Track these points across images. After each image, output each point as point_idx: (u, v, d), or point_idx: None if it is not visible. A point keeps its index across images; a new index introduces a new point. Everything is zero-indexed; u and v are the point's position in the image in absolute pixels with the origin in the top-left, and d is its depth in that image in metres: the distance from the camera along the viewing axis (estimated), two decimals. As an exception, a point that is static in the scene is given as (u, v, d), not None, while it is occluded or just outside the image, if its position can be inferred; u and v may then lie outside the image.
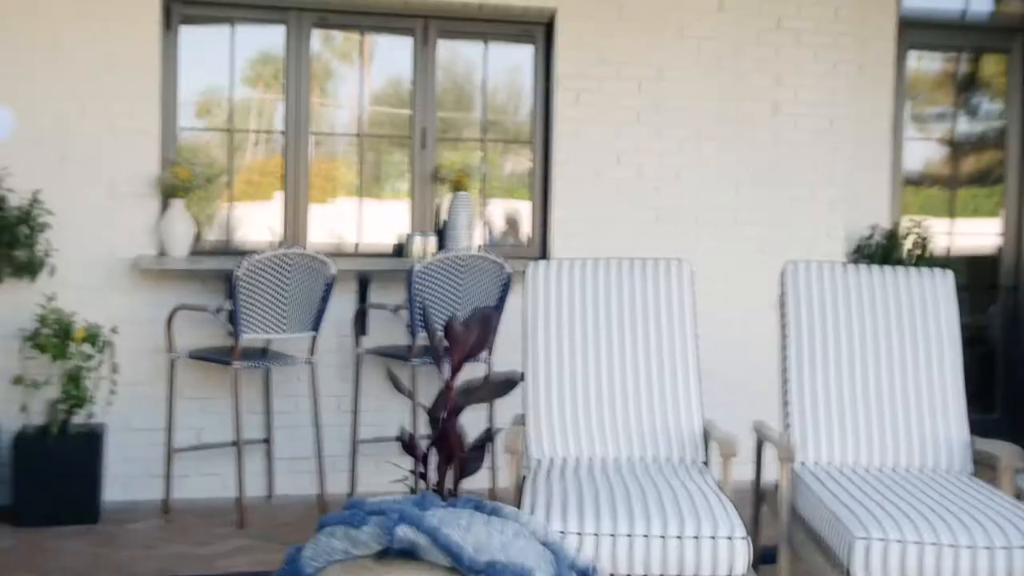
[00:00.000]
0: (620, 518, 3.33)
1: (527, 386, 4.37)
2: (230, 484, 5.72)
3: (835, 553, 3.47)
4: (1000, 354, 7.26)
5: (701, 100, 6.31)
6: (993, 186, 7.31)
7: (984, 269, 7.29)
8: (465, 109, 6.38)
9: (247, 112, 6.09)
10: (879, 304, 4.45)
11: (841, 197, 6.51)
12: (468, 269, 5.38)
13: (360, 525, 2.87)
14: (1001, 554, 3.23)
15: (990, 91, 7.30)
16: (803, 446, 4.26)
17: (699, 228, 6.33)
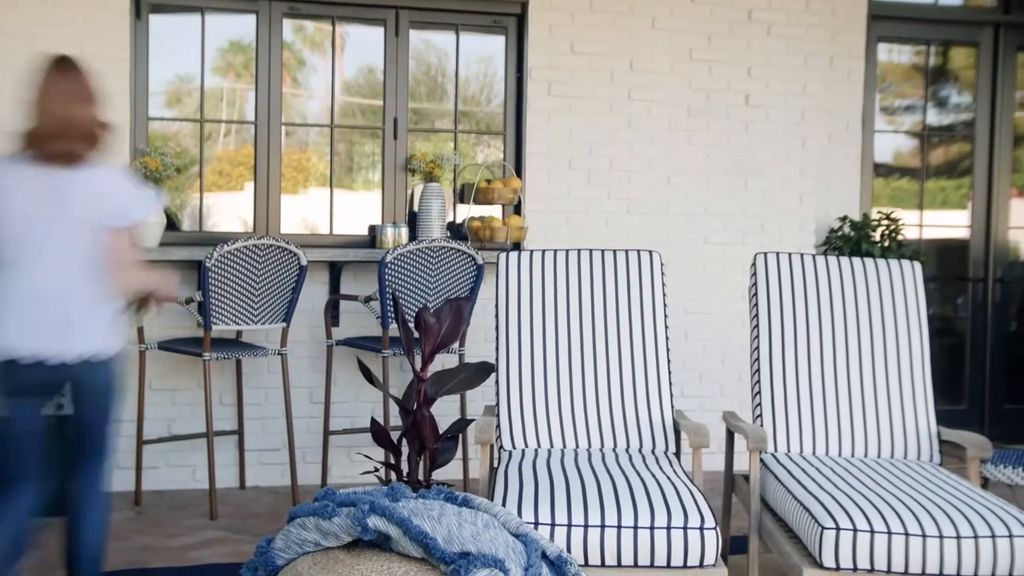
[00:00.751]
0: (591, 509, 3.34)
1: (499, 377, 4.37)
2: (201, 475, 5.71)
3: (804, 543, 3.49)
4: (968, 345, 7.32)
5: (672, 91, 6.32)
6: (961, 178, 7.36)
7: (952, 260, 7.34)
8: (437, 99, 6.37)
9: (218, 102, 6.05)
10: (848, 295, 4.48)
11: (811, 188, 6.55)
12: (439, 259, 5.38)
13: (331, 516, 2.87)
14: (968, 543, 3.26)
15: (959, 83, 7.35)
16: (773, 436, 4.28)
17: (670, 219, 6.34)
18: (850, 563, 3.30)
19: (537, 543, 2.90)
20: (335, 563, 2.79)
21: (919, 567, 3.28)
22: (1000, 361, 7.31)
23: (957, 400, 7.27)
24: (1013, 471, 4.21)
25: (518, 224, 5.97)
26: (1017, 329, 7.47)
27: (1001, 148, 7.26)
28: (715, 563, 3.33)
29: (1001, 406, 7.29)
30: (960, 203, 7.36)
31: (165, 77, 5.86)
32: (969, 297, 7.32)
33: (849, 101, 6.80)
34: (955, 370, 7.30)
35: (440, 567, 2.73)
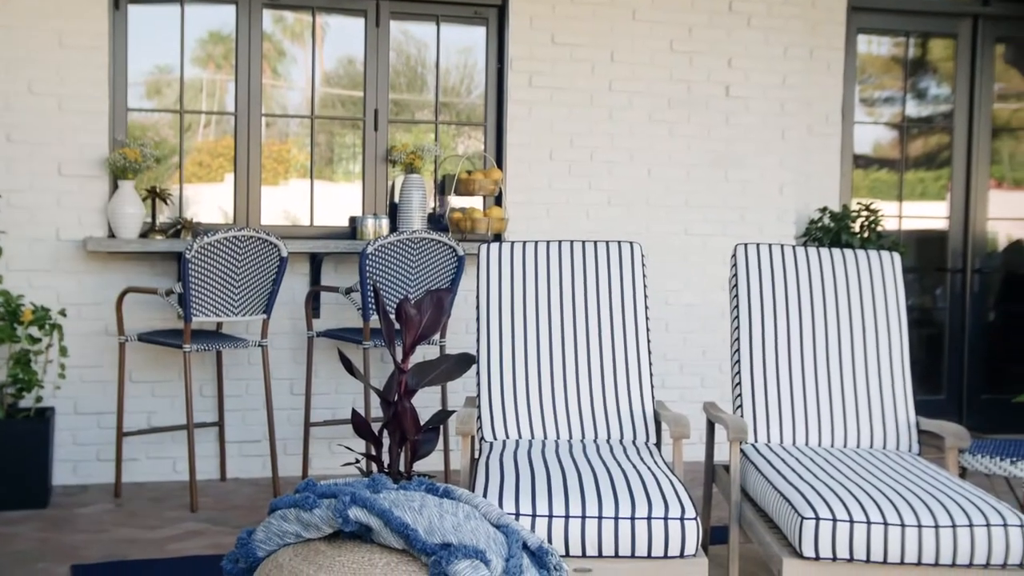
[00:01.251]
0: (572, 499, 3.35)
1: (480, 368, 4.38)
2: (181, 467, 5.70)
3: (784, 533, 3.51)
4: (946, 336, 7.36)
5: (653, 83, 6.33)
6: (940, 169, 7.40)
7: (931, 251, 7.38)
8: (418, 91, 6.36)
9: (198, 92, 6.03)
10: (828, 286, 4.50)
11: (791, 180, 6.57)
12: (420, 251, 5.37)
13: (312, 508, 2.87)
14: (946, 533, 3.28)
15: (938, 75, 7.38)
16: (753, 427, 4.30)
17: (651, 210, 6.36)
18: (830, 553, 3.32)
19: (518, 534, 2.90)
20: (316, 555, 2.79)
21: (898, 556, 3.30)
22: (978, 351, 7.36)
23: (936, 390, 7.31)
24: (991, 461, 4.24)
25: (499, 215, 5.97)
26: (995, 320, 7.52)
27: (979, 139, 7.29)
28: (695, 553, 3.35)
29: (979, 396, 7.33)
30: (939, 194, 7.40)
31: (144, 68, 5.83)
32: (948, 288, 7.36)
33: (829, 93, 6.82)
34: (934, 360, 7.34)
35: (421, 558, 2.73)
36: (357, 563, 2.74)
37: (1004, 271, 7.52)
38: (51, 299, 5.47)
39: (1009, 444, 4.40)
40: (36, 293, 5.46)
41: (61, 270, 5.52)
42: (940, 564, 3.30)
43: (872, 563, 3.33)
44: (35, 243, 5.48)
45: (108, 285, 5.54)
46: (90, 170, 5.53)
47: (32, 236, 5.48)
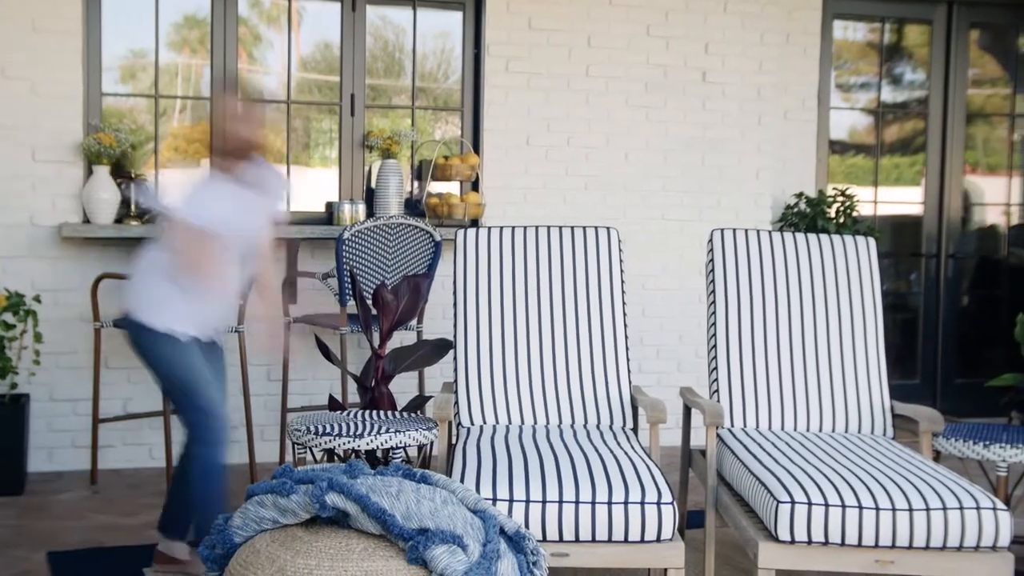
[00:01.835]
0: (549, 484, 3.36)
1: (457, 354, 4.38)
2: (158, 454, 5.68)
3: (760, 517, 3.53)
4: (921, 320, 7.40)
5: (630, 68, 6.33)
6: (915, 154, 7.43)
7: (906, 236, 7.41)
8: (394, 76, 6.35)
9: (173, 77, 6.00)
10: (804, 271, 4.52)
11: (768, 165, 6.59)
12: (397, 236, 5.37)
13: (289, 493, 2.87)
14: (920, 516, 3.31)
15: (913, 61, 7.41)
16: (729, 411, 4.32)
17: (628, 195, 6.36)
18: (805, 536, 3.34)
19: (495, 519, 2.91)
20: (293, 540, 2.79)
21: (872, 539, 3.33)
22: (952, 336, 7.41)
23: (910, 375, 7.35)
24: (964, 444, 4.27)
25: (476, 201, 5.97)
26: (969, 304, 7.57)
27: (954, 125, 7.33)
28: (672, 537, 3.36)
29: (953, 380, 7.39)
30: (914, 180, 7.43)
31: (119, 52, 5.79)
32: (922, 273, 7.40)
33: (805, 78, 6.84)
34: (908, 345, 7.39)
35: (398, 543, 2.74)
36: (334, 548, 2.74)
37: (977, 255, 7.57)
38: (25, 285, 5.44)
39: (982, 428, 4.44)
40: (10, 279, 5.42)
41: (36, 256, 5.48)
42: (914, 547, 3.33)
43: (847, 546, 3.35)
44: (9, 229, 5.45)
45: (83, 271, 5.51)
46: (64, 155, 5.50)
47: (6, 222, 5.44)
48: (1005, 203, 7.58)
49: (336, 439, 3.77)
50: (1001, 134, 7.59)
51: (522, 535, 2.96)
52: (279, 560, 2.73)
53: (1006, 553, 3.33)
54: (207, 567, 2.99)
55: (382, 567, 2.69)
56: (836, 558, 3.38)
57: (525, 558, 2.93)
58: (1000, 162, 7.58)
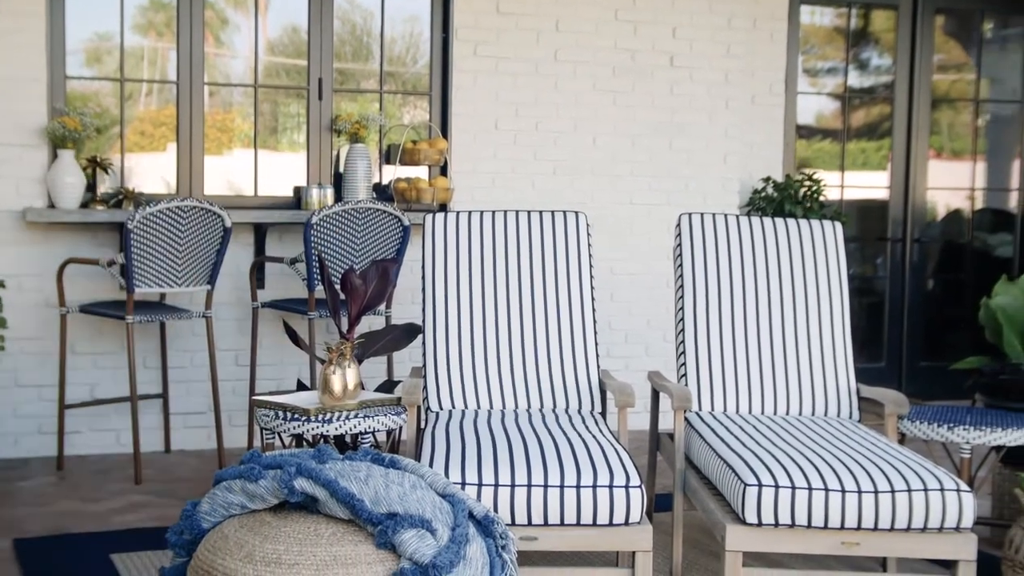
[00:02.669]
0: (517, 468, 3.37)
1: (425, 338, 4.38)
2: (125, 440, 5.65)
3: (727, 500, 3.55)
4: (887, 304, 7.46)
5: (598, 52, 6.33)
6: (881, 139, 7.48)
7: (872, 221, 7.46)
8: (362, 60, 6.32)
9: (139, 61, 5.95)
10: (771, 255, 4.54)
11: (735, 150, 6.61)
12: (365, 221, 5.35)
13: (257, 479, 2.87)
14: (885, 497, 3.34)
15: (879, 46, 7.44)
16: (696, 395, 4.34)
17: (596, 180, 6.37)
18: (772, 519, 3.37)
19: (464, 503, 2.92)
20: (262, 525, 2.79)
21: (838, 522, 3.36)
22: (917, 320, 7.47)
23: (876, 358, 7.41)
24: (929, 427, 4.31)
25: (444, 185, 5.96)
26: (934, 288, 7.63)
27: (919, 110, 7.38)
28: (640, 520, 3.38)
29: (918, 363, 7.45)
30: (880, 164, 7.48)
31: (83, 35, 5.74)
32: (888, 257, 7.46)
33: (772, 63, 6.86)
34: (874, 328, 7.44)
35: (367, 528, 2.74)
36: (303, 533, 2.74)
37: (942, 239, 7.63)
38: (-10, 270, 5.40)
39: (947, 410, 4.48)
40: (-26, 264, 5.38)
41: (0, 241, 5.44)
42: (879, 528, 3.36)
43: (814, 528, 3.38)
44: (-27, 213, 5.40)
45: (48, 256, 5.47)
46: (28, 139, 5.44)
47: (-30, 206, 5.39)
48: (969, 188, 7.64)
49: (305, 424, 3.76)
50: (966, 119, 7.65)
51: (491, 519, 2.97)
52: (247, 545, 2.73)
53: (969, 534, 3.37)
54: (175, 553, 2.99)
55: (351, 552, 2.69)
56: (803, 540, 3.41)
57: (494, 542, 2.94)
58: (965, 147, 7.65)
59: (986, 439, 4.22)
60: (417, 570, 2.64)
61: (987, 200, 7.74)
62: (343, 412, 3.82)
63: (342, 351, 3.91)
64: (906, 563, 4.07)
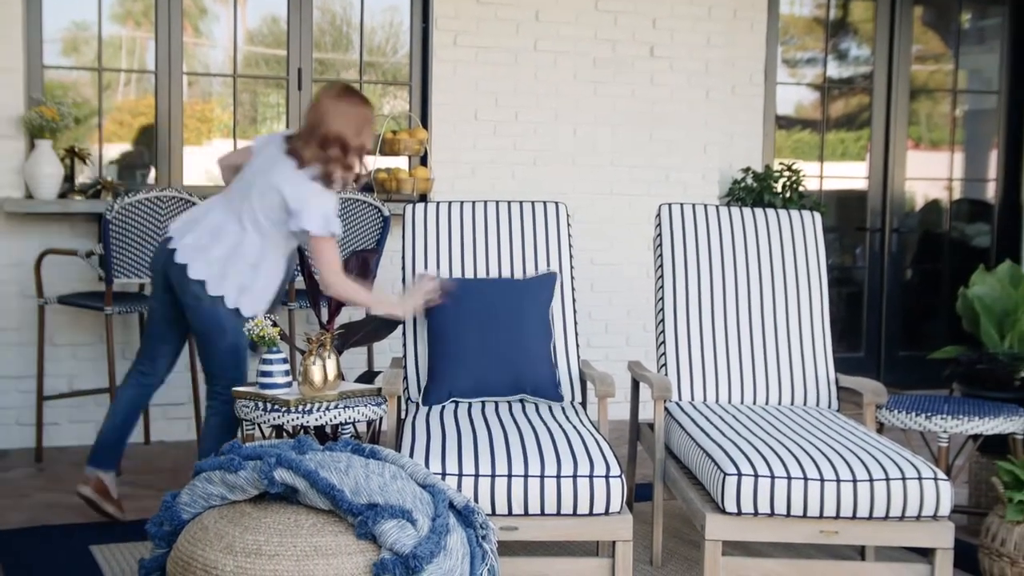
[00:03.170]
0: (498, 458, 3.38)
1: (405, 329, 4.38)
2: (104, 431, 5.62)
3: (707, 489, 3.57)
4: (865, 294, 7.49)
5: (578, 42, 6.33)
6: (860, 130, 7.50)
7: (851, 211, 7.49)
8: (342, 50, 6.31)
9: (117, 50, 5.92)
10: (751, 246, 4.56)
11: (715, 140, 6.62)
12: (346, 211, 5.34)
13: (237, 470, 2.86)
14: (863, 486, 3.36)
15: (858, 36, 7.46)
16: (676, 385, 4.35)
17: (576, 170, 6.37)
18: (751, 508, 3.39)
19: (444, 493, 2.93)
20: (242, 516, 2.79)
21: (817, 510, 3.38)
22: (896, 309, 7.50)
23: (855, 347, 7.44)
24: (907, 416, 4.34)
25: (424, 175, 5.95)
26: (912, 278, 7.67)
27: (898, 100, 7.40)
28: (620, 510, 3.39)
29: (896, 353, 7.49)
30: (859, 155, 7.50)
31: (60, 24, 5.71)
32: (867, 247, 7.49)
33: (752, 53, 6.87)
34: (853, 318, 7.47)
35: (348, 519, 2.74)
36: (283, 524, 2.74)
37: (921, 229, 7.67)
38: (-33, 261, 5.37)
39: (924, 399, 4.51)
40: (-49, 255, 5.35)
41: (-23, 232, 5.41)
42: (858, 517, 3.38)
43: (792, 517, 3.40)
44: (-50, 204, 5.37)
45: (26, 247, 5.44)
46: (5, 129, 5.41)
47: (-54, 197, 5.36)
48: (947, 178, 7.68)
49: (285, 415, 3.76)
50: (944, 109, 7.68)
51: (471, 509, 2.97)
52: (227, 536, 2.72)
53: (947, 522, 3.40)
54: (155, 544, 2.98)
55: (331, 542, 2.69)
56: (782, 529, 3.43)
57: (474, 532, 2.95)
58: (943, 137, 7.68)
59: (963, 428, 4.25)
60: (397, 560, 2.64)
61: (965, 190, 7.78)
62: (323, 403, 3.82)
63: (322, 342, 3.90)
64: (884, 551, 4.10)
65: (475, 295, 4.27)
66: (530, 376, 4.16)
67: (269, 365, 3.88)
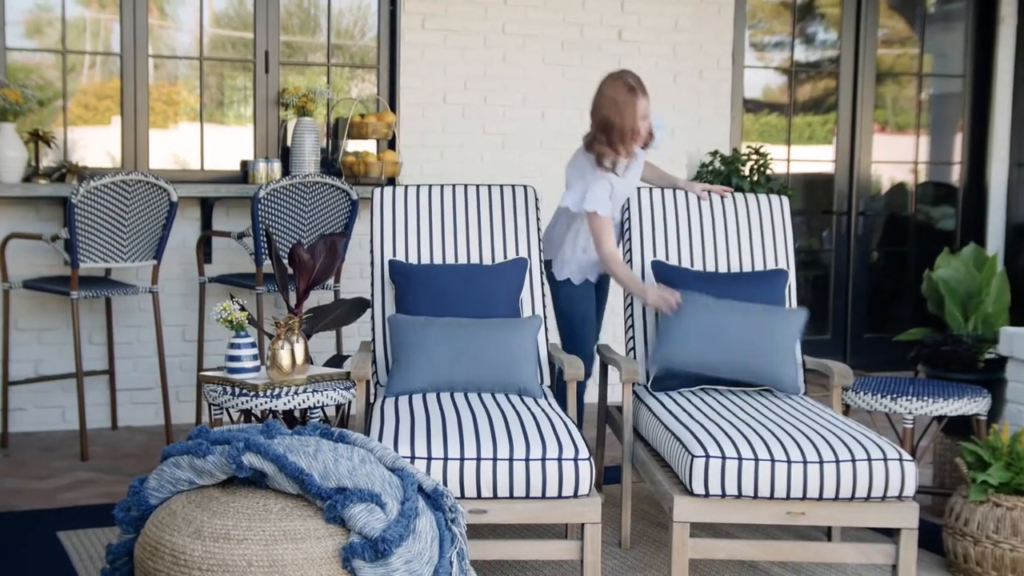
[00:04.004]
0: (466, 442, 3.38)
1: (374, 312, 4.37)
2: (71, 416, 5.60)
3: (675, 471, 3.58)
4: (832, 277, 7.54)
5: (546, 25, 6.32)
6: (827, 113, 7.53)
7: (818, 194, 7.53)
8: (310, 32, 6.27)
9: (81, 32, 5.86)
10: (719, 229, 4.58)
11: (683, 124, 6.64)
12: (313, 195, 5.33)
13: (205, 454, 2.86)
14: (829, 467, 3.38)
15: (825, 20, 7.49)
16: (645, 368, 4.36)
17: (545, 153, 6.37)
18: (719, 489, 3.41)
19: (413, 477, 2.93)
20: (210, 501, 2.78)
21: (784, 492, 3.40)
22: (862, 292, 7.55)
23: (821, 330, 7.49)
24: (873, 398, 4.37)
25: (393, 159, 5.94)
26: (878, 261, 7.72)
27: (864, 85, 7.44)
28: (589, 493, 3.40)
29: (862, 335, 7.54)
30: (826, 138, 7.54)
31: (23, 5, 5.65)
32: (833, 230, 7.53)
33: (720, 37, 6.88)
34: (820, 301, 7.52)
35: (316, 503, 2.74)
36: (252, 509, 2.74)
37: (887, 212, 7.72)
38: (-70, 246, 5.31)
39: (890, 381, 4.54)
40: (-86, 240, 5.30)
41: (-60, 216, 5.36)
42: (824, 498, 3.41)
43: (760, 499, 3.42)
44: (-88, 188, 5.31)
45: (-10, 231, 5.40)
46: (-31, 112, 5.36)
47: (-91, 181, 5.30)
48: (913, 161, 7.73)
49: (253, 399, 3.75)
50: (910, 93, 7.72)
51: (440, 492, 2.98)
52: (196, 521, 2.72)
53: (912, 502, 3.43)
54: (123, 529, 2.97)
55: (300, 527, 2.69)
56: (749, 510, 3.45)
57: (443, 515, 2.95)
58: (908, 121, 7.72)
59: (928, 409, 4.29)
60: (367, 544, 2.64)
61: (930, 174, 7.83)
62: (292, 387, 3.81)
63: (290, 326, 3.90)
64: (850, 531, 4.14)
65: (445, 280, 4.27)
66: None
67: (237, 350, 3.87)
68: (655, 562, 3.95)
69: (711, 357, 4.08)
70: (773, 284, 4.37)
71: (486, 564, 3.81)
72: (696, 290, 4.19)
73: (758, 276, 4.43)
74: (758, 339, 4.07)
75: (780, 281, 4.39)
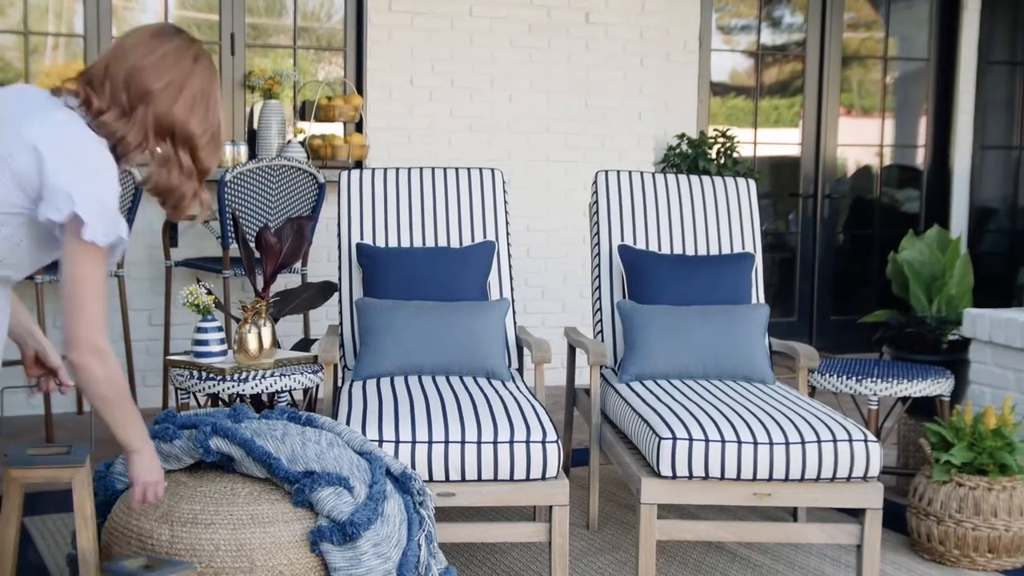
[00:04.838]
0: (434, 425, 3.38)
1: (342, 296, 4.36)
2: (36, 401, 5.55)
3: (643, 453, 3.60)
4: (798, 260, 7.58)
5: (513, 8, 6.31)
6: (793, 97, 7.56)
7: (784, 177, 7.56)
8: (275, 14, 6.23)
9: (43, 13, 5.80)
10: (686, 212, 4.59)
11: (650, 107, 6.64)
12: (280, 178, 5.30)
13: (172, 439, 2.85)
14: (795, 449, 3.41)
15: (791, 4, 7.51)
16: (612, 351, 4.38)
17: (512, 137, 6.37)
18: (686, 471, 3.42)
19: (381, 460, 2.93)
20: (177, 486, 2.77)
21: (751, 473, 3.42)
22: (828, 274, 7.60)
23: (788, 312, 7.54)
24: (838, 379, 4.41)
25: (360, 142, 5.92)
26: (844, 244, 7.77)
27: (830, 68, 7.47)
28: (557, 475, 3.41)
29: (828, 317, 7.60)
30: (792, 121, 7.57)
31: (-15, -13, 5.59)
32: (799, 213, 7.57)
33: (687, 20, 6.89)
34: (786, 283, 7.56)
35: (284, 487, 2.74)
36: (219, 493, 2.73)
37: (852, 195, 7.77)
38: None
39: (855, 363, 4.58)
40: None
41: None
42: (790, 479, 3.43)
43: (727, 480, 3.44)
44: None
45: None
46: (-70, 94, 5.29)
47: None
48: (878, 144, 7.77)
49: (220, 384, 3.73)
50: (875, 76, 7.76)
51: (408, 476, 2.98)
52: (163, 506, 2.71)
53: (876, 483, 3.46)
54: (89, 514, 2.95)
55: (268, 510, 2.69)
56: (716, 492, 3.47)
57: (412, 498, 2.96)
58: (874, 104, 7.77)
59: (892, 391, 4.33)
60: (335, 527, 2.64)
61: (895, 157, 7.88)
62: (259, 371, 3.80)
63: (257, 309, 3.88)
64: (815, 512, 4.17)
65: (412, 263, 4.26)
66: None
67: (204, 333, 3.85)
68: (623, 543, 3.97)
69: (681, 365, 4.09)
70: (740, 267, 4.39)
71: (455, 547, 3.82)
72: (663, 273, 4.20)
73: (725, 259, 4.45)
74: (728, 343, 4.09)
75: (747, 264, 4.41)
